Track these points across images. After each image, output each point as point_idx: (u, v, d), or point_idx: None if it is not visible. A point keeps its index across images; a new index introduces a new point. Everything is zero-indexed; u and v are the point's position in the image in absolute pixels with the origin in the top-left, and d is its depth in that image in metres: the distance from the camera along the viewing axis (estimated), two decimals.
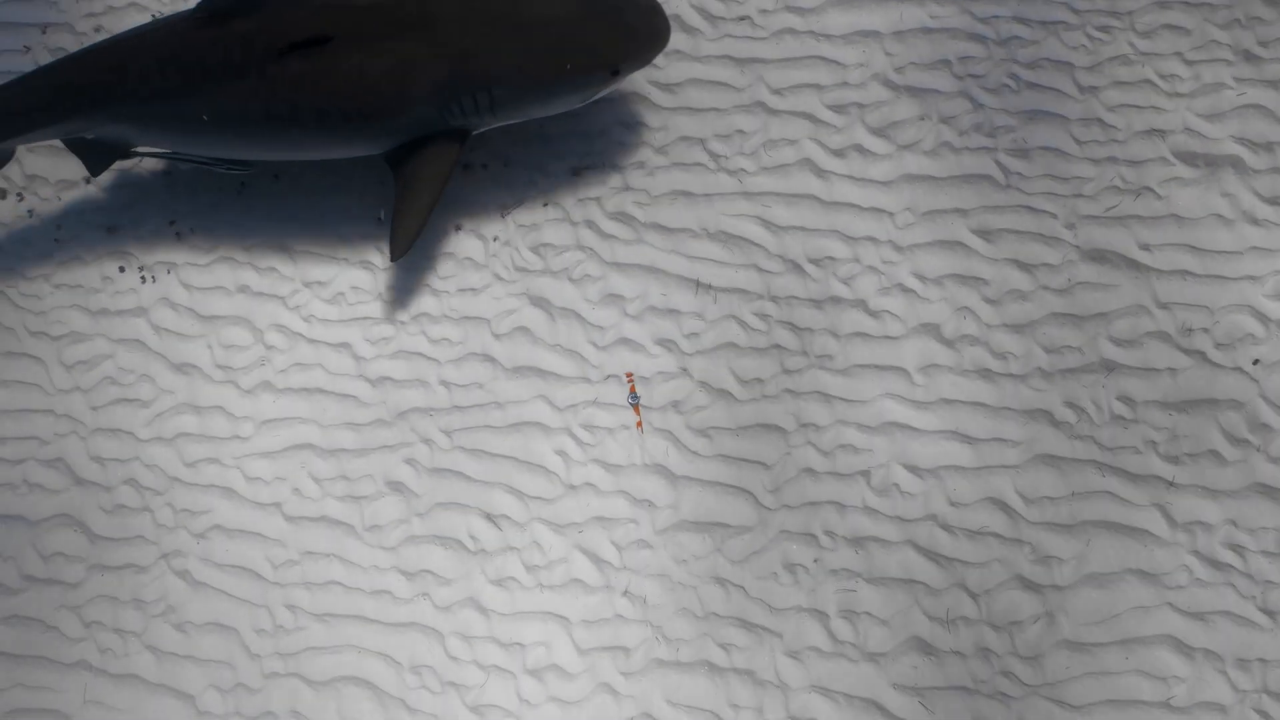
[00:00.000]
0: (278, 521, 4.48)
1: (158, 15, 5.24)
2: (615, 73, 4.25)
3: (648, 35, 4.24)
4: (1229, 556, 4.01)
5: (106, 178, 5.07)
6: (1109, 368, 4.23)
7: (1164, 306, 4.30)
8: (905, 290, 4.43)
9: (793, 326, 4.44)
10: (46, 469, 4.68)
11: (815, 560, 4.18)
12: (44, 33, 5.35)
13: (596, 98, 4.41)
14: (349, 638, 4.31)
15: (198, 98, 4.19)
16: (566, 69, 4.17)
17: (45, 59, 5.30)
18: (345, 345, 4.67)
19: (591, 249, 4.66)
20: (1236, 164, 4.41)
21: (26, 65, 5.30)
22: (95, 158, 4.55)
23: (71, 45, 5.30)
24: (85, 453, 4.68)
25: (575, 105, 4.42)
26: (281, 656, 4.31)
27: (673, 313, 4.53)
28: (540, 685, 4.16)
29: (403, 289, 4.71)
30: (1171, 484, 4.08)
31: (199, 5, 4.14)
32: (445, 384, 4.56)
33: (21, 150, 5.17)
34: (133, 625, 4.43)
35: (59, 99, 4.27)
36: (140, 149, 4.55)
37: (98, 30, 5.31)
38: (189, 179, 5.02)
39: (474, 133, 4.40)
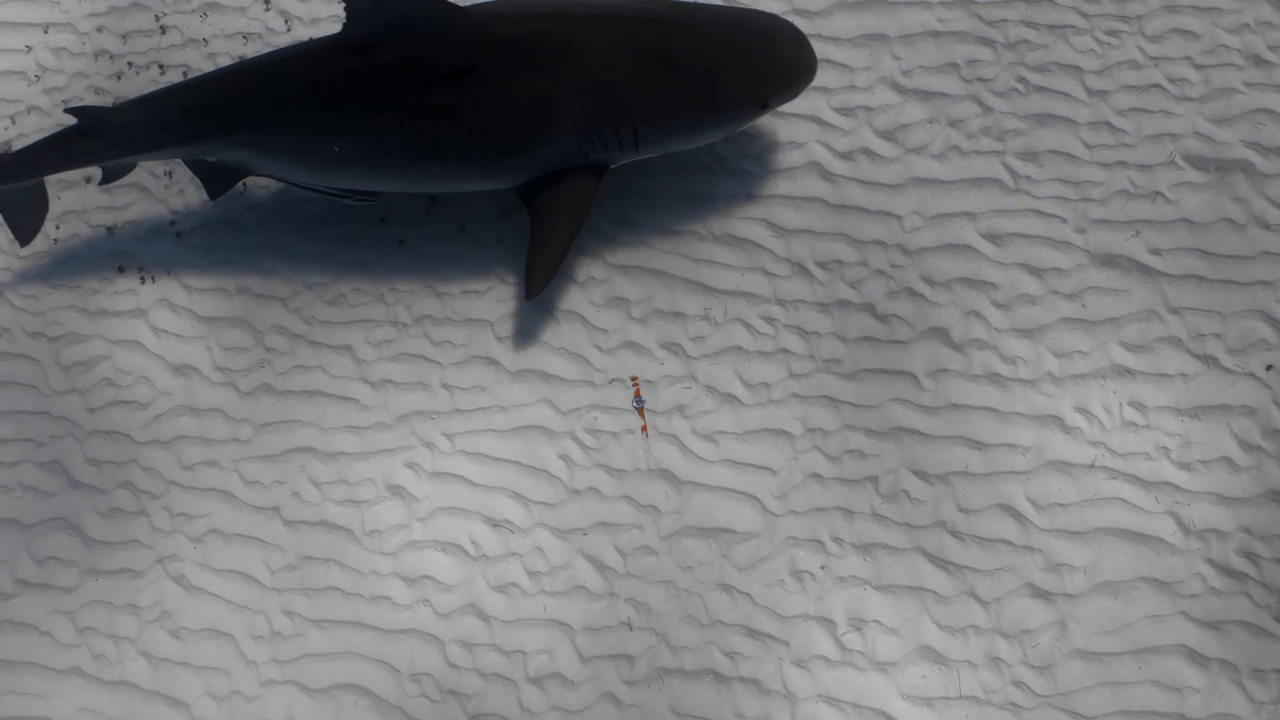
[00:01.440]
0: (276, 526, 4.42)
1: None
2: (764, 106, 4.12)
3: (796, 68, 4.10)
4: (1243, 565, 3.95)
5: None
6: (1119, 373, 4.19)
7: (1175, 311, 4.25)
8: (913, 294, 4.38)
9: (799, 330, 4.39)
10: (42, 471, 4.61)
11: (823, 567, 4.12)
12: (46, 32, 5.31)
13: (738, 130, 4.30)
14: (348, 644, 4.24)
15: (332, 129, 4.07)
16: (714, 104, 4.05)
17: (47, 59, 5.27)
18: (346, 348, 4.62)
19: (595, 252, 4.61)
20: (1247, 168, 4.37)
21: (29, 64, 5.26)
22: (216, 181, 4.42)
23: (73, 45, 5.27)
24: (81, 455, 4.61)
25: (718, 139, 4.30)
26: (279, 663, 4.24)
27: (678, 316, 4.47)
28: (542, 693, 4.08)
29: (405, 291, 4.66)
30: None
31: (340, 34, 4.01)
32: (447, 387, 4.51)
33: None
34: (127, 631, 4.36)
35: (186, 121, 4.17)
36: (263, 174, 4.43)
37: (100, 30, 5.28)
38: (189, 179, 4.97)
39: (611, 167, 4.25)
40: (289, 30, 5.15)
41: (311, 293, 4.72)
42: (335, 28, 5.12)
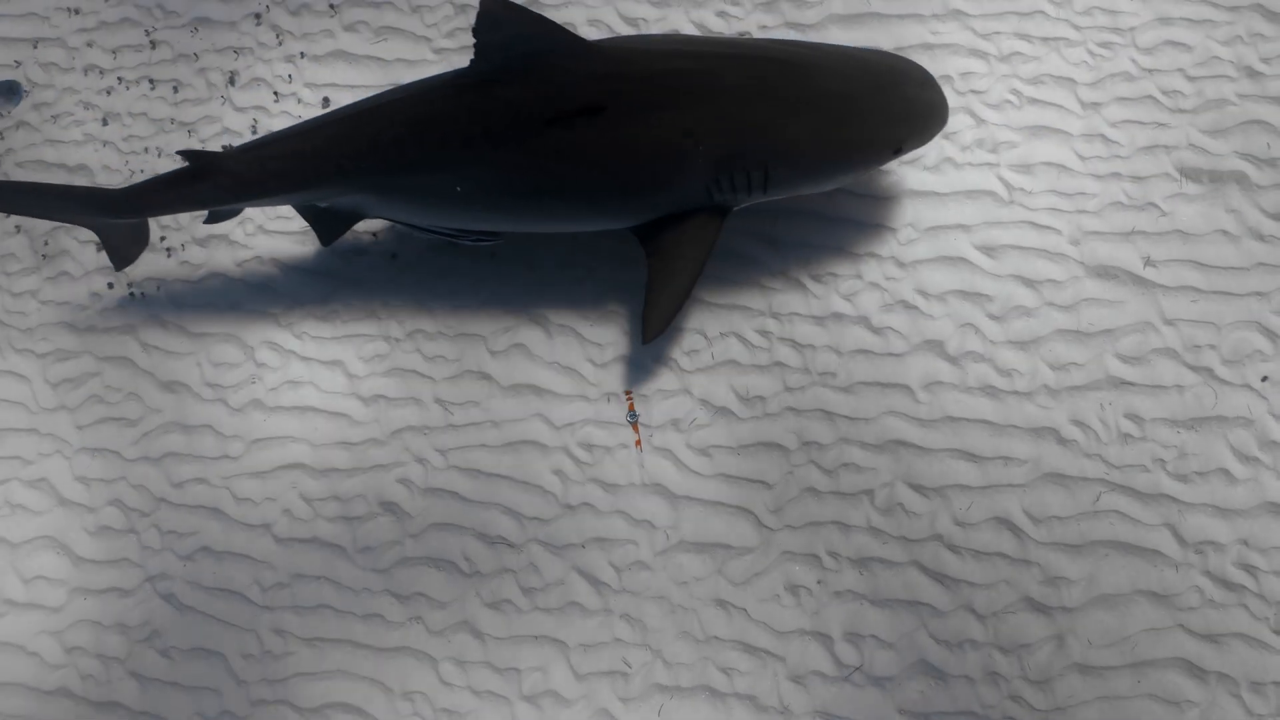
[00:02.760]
0: (267, 543, 4.38)
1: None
2: (898, 151, 4.03)
3: (930, 112, 4.02)
4: (1241, 577, 3.93)
5: None
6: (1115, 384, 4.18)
7: (1170, 323, 4.24)
8: (908, 306, 4.36)
9: (794, 343, 4.37)
10: (30, 489, 4.57)
11: (819, 582, 4.09)
12: (35, 48, 5.29)
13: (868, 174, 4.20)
14: (339, 663, 4.20)
15: (454, 169, 3.94)
16: (849, 148, 3.96)
17: (37, 74, 5.24)
18: (338, 363, 4.58)
19: (588, 266, 4.59)
20: (1241, 180, 4.37)
21: (17, 79, 5.24)
22: (327, 226, 4.30)
23: (63, 61, 5.25)
24: (70, 473, 4.57)
25: (848, 182, 4.21)
26: (269, 683, 4.20)
27: (672, 329, 4.45)
28: (537, 711, 4.04)
29: (398, 306, 4.63)
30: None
31: (466, 70, 3.88)
32: (440, 402, 4.48)
33: (9, 165, 5.10)
34: (116, 651, 4.31)
35: (301, 167, 4.04)
36: (376, 216, 4.30)
37: (90, 45, 5.25)
38: None
39: (734, 209, 4.12)
40: (280, 44, 5.13)
41: (303, 308, 4.69)
42: (327, 42, 5.11)
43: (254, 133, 5.00)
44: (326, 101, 5.00)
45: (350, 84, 5.02)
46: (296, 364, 4.61)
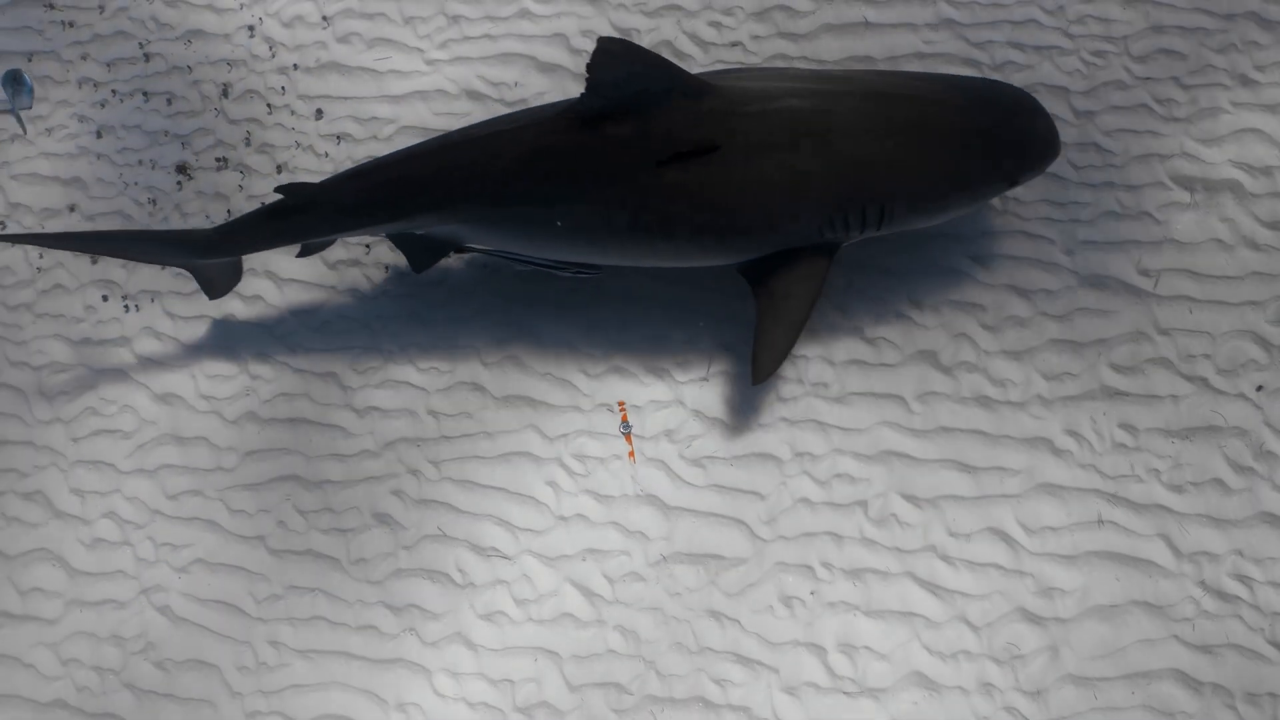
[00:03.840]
0: (261, 555, 4.38)
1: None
2: (1013, 184, 3.98)
3: (1043, 145, 3.95)
4: (1236, 587, 3.92)
5: (90, 206, 5.01)
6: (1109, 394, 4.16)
7: (1165, 333, 4.23)
8: (901, 317, 4.36)
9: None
10: (25, 502, 4.58)
11: (812, 593, 4.08)
12: (29, 60, 5.30)
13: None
14: (334, 675, 4.20)
15: (559, 204, 3.87)
16: (966, 182, 3.90)
17: (32, 86, 5.25)
18: (332, 375, 4.59)
19: (582, 277, 4.58)
20: (1235, 188, 4.36)
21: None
22: (421, 255, 4.24)
23: (57, 73, 5.26)
24: (65, 485, 4.58)
25: (960, 216, 4.19)
26: (264, 694, 4.20)
27: (663, 339, 4.45)
28: None
29: (391, 317, 4.63)
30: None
31: (575, 104, 3.82)
32: (433, 414, 4.48)
33: (4, 178, 5.12)
34: (111, 662, 4.32)
35: (401, 197, 3.98)
36: (474, 247, 4.24)
37: (84, 59, 5.26)
38: (173, 206, 4.95)
39: (843, 245, 4.04)
40: (273, 56, 5.14)
41: (296, 319, 4.70)
42: (320, 54, 5.11)
43: (248, 144, 5.00)
44: (320, 113, 5.01)
45: (343, 95, 5.03)
46: (290, 376, 4.61)
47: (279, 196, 4.25)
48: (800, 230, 3.86)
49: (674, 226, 3.84)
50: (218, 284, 4.50)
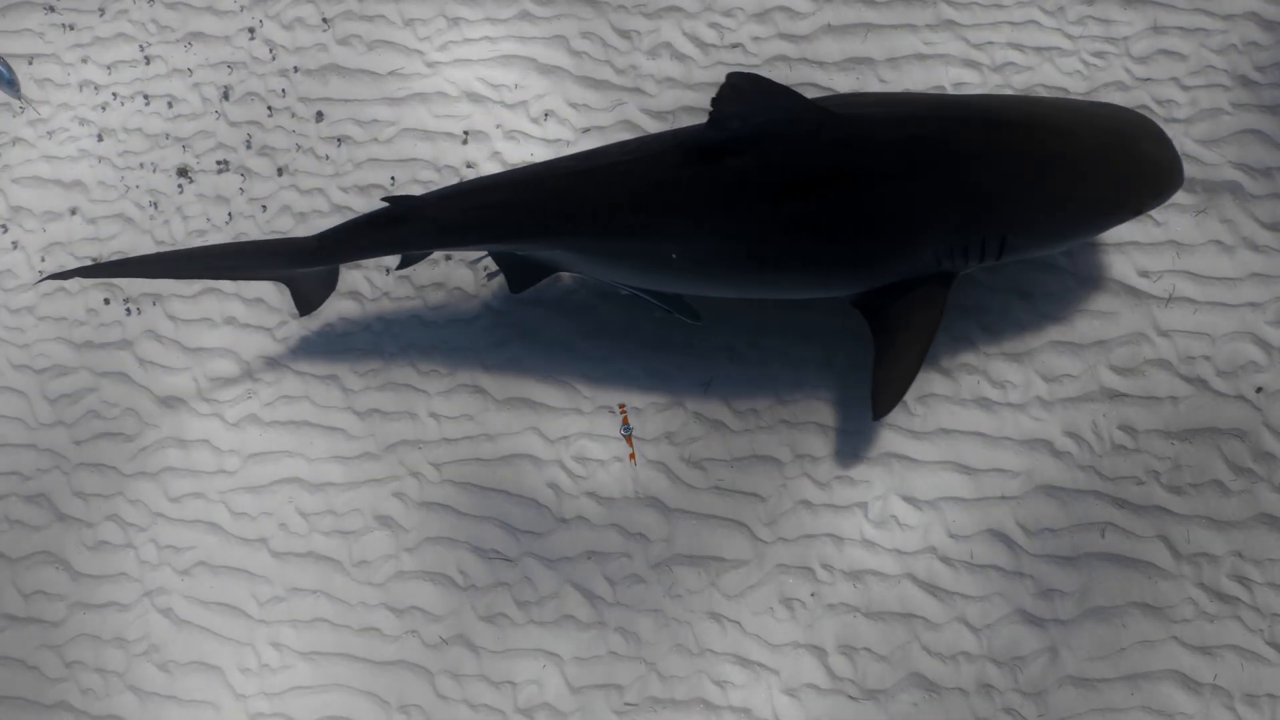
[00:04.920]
0: (264, 557, 4.40)
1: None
2: (1137, 213, 3.89)
3: (1167, 174, 3.85)
4: (1235, 589, 3.92)
5: (91, 209, 5.02)
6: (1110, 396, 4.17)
7: (1164, 334, 4.23)
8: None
9: (786, 357, 4.37)
10: (28, 505, 4.60)
11: (812, 594, 4.09)
12: (30, 64, 5.31)
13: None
14: (336, 676, 4.22)
15: (675, 237, 3.80)
16: (1089, 212, 3.82)
17: (32, 90, 5.26)
18: (333, 377, 4.60)
19: (582, 279, 4.59)
20: (1235, 190, 4.36)
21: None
22: (521, 276, 4.19)
23: (58, 77, 5.27)
24: (68, 488, 4.60)
25: (1080, 244, 4.13)
26: (267, 696, 4.22)
27: (665, 342, 4.46)
28: None
29: (392, 319, 4.64)
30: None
31: (696, 135, 3.78)
32: (434, 416, 4.49)
33: (5, 181, 5.13)
34: (115, 665, 4.34)
35: (507, 219, 3.94)
36: (576, 272, 4.18)
37: (84, 61, 5.27)
38: (174, 209, 4.96)
39: (959, 274, 3.94)
40: (274, 59, 5.14)
41: (297, 322, 4.71)
42: (320, 56, 5.11)
43: (248, 147, 5.01)
44: (320, 116, 5.01)
45: (344, 98, 5.03)
46: (292, 378, 4.63)
47: (384, 205, 4.20)
48: (918, 260, 3.79)
49: (791, 258, 3.77)
50: (312, 296, 4.43)
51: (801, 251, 3.77)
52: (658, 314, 4.33)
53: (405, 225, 4.02)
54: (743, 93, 3.60)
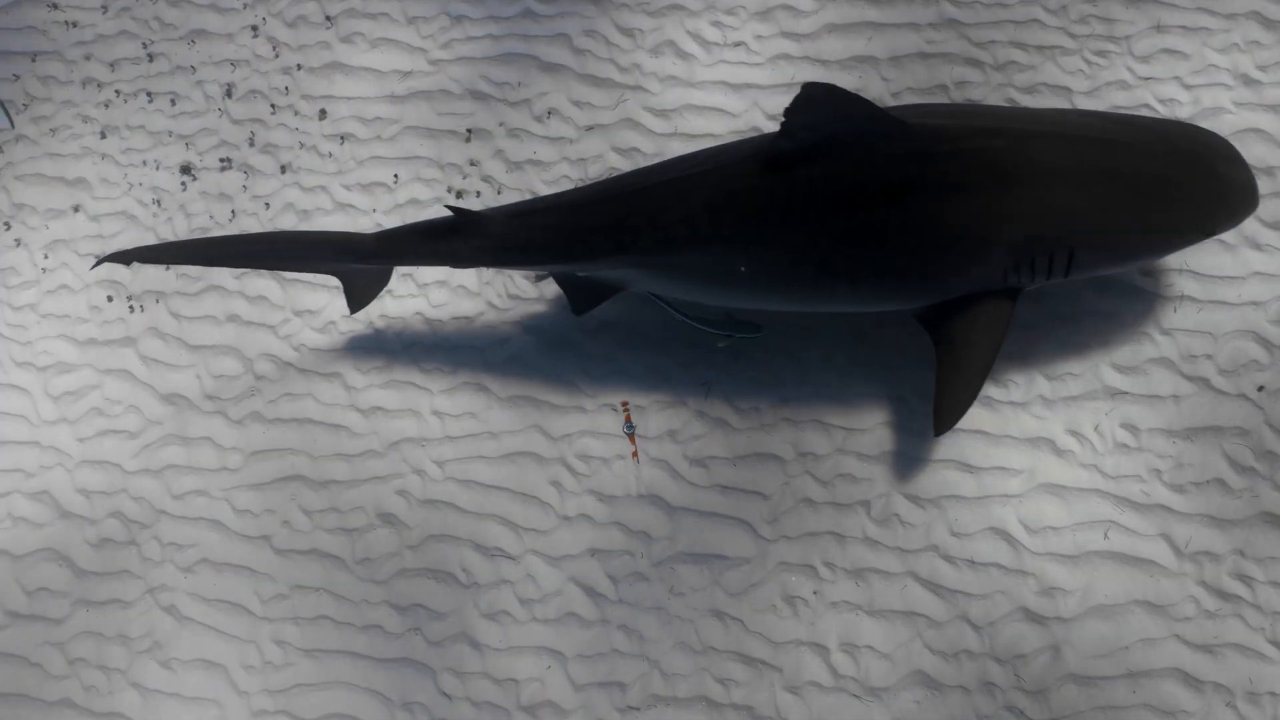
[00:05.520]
0: (267, 555, 4.40)
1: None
2: (1208, 235, 3.82)
3: (1243, 193, 3.79)
4: (1237, 587, 3.93)
5: (94, 206, 5.02)
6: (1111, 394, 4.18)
7: (1166, 333, 4.24)
8: (904, 319, 4.37)
9: (789, 354, 4.38)
10: (31, 502, 4.60)
11: (815, 592, 4.10)
12: (33, 61, 5.31)
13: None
14: (339, 674, 4.22)
15: (745, 249, 3.75)
16: (1160, 232, 3.75)
17: (35, 87, 5.26)
18: (336, 375, 4.61)
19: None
20: None
21: (15, 93, 5.26)
22: (585, 296, 4.13)
23: (61, 74, 5.27)
24: (71, 485, 4.60)
25: (1150, 264, 4.07)
26: (270, 694, 4.22)
27: (668, 341, 4.46)
28: None
29: (395, 317, 4.65)
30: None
31: (763, 149, 3.72)
32: (438, 414, 4.50)
33: (8, 178, 5.13)
34: (118, 662, 4.34)
35: (572, 237, 3.87)
36: (640, 290, 4.12)
37: (88, 59, 5.27)
38: (177, 206, 4.97)
39: (1025, 290, 3.90)
40: (277, 57, 5.15)
41: (300, 320, 4.71)
42: (324, 54, 5.12)
43: (251, 145, 5.02)
44: (323, 114, 5.02)
45: (347, 95, 5.04)
46: (295, 376, 4.63)
47: (448, 212, 4.14)
48: (985, 275, 3.74)
49: (860, 271, 3.73)
50: (363, 294, 4.34)
51: (870, 264, 3.71)
52: (721, 344, 4.30)
53: (464, 239, 3.95)
54: (817, 103, 3.52)
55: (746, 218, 3.71)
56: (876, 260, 3.70)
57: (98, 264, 3.97)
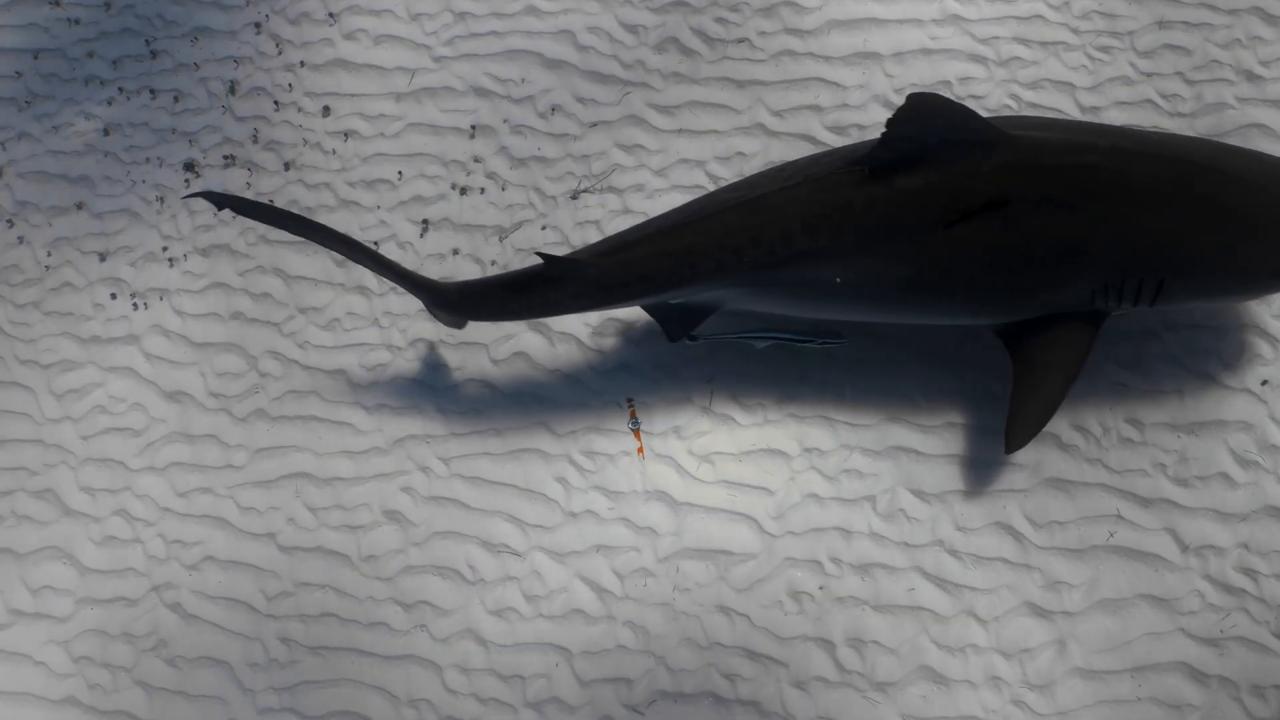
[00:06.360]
0: (272, 552, 4.40)
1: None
2: None
3: None
4: (1241, 580, 3.94)
5: (98, 204, 5.02)
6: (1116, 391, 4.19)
7: (1170, 328, 4.25)
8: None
9: (794, 351, 4.38)
10: (35, 500, 4.59)
11: (821, 588, 4.10)
12: (36, 58, 5.30)
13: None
14: (345, 671, 4.22)
15: (843, 261, 3.68)
16: (1260, 269, 3.65)
17: (38, 85, 5.25)
18: (340, 372, 4.60)
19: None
20: None
21: (18, 91, 5.25)
22: (681, 322, 4.03)
23: (64, 71, 5.26)
24: (75, 483, 4.59)
25: (1242, 302, 3.98)
26: (276, 691, 4.22)
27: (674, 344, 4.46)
28: (541, 718, 4.06)
29: (399, 314, 4.65)
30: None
31: (861, 160, 3.65)
32: (443, 411, 4.49)
33: (11, 176, 5.12)
34: (123, 660, 4.34)
35: (675, 265, 3.76)
36: (734, 309, 4.04)
37: (90, 56, 5.26)
38: (180, 205, 4.96)
39: (1110, 315, 3.84)
40: (280, 53, 5.14)
41: (305, 316, 4.71)
42: (327, 51, 5.11)
43: (255, 142, 5.01)
44: (327, 111, 5.01)
45: (350, 92, 5.04)
46: (299, 373, 4.63)
47: (538, 262, 3.98)
48: (1074, 295, 3.69)
49: (951, 283, 3.67)
50: (449, 323, 4.28)
51: (963, 277, 3.65)
52: (814, 348, 4.26)
53: (560, 287, 3.84)
54: (921, 113, 3.47)
55: (844, 230, 3.64)
56: (968, 274, 3.64)
57: (191, 195, 3.83)
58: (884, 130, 3.55)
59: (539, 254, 3.60)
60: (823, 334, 4.15)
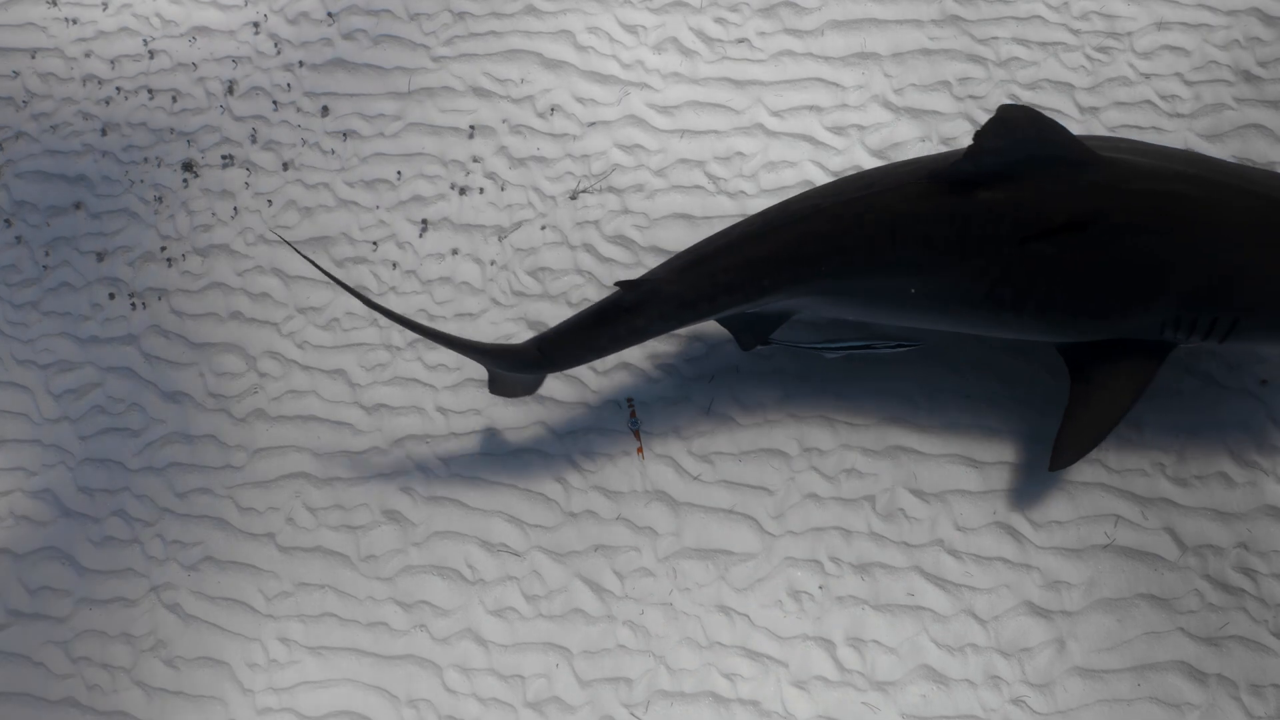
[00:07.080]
0: (271, 552, 4.40)
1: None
2: None
3: None
4: (1240, 580, 3.95)
5: (96, 204, 5.01)
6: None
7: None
8: None
9: (796, 351, 4.39)
10: (33, 500, 4.58)
11: (821, 587, 4.11)
12: (33, 58, 5.29)
13: None
14: (344, 671, 4.22)
15: (919, 271, 3.65)
16: None
17: (35, 84, 5.24)
18: (340, 372, 4.60)
19: (590, 273, 4.60)
20: None
21: (15, 90, 5.23)
22: (754, 331, 4.01)
23: (61, 71, 5.25)
24: (73, 484, 4.59)
25: None
26: (275, 691, 4.22)
27: (672, 336, 4.47)
28: (541, 718, 4.07)
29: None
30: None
31: (944, 171, 3.59)
32: (442, 410, 4.49)
33: (10, 176, 5.11)
34: (121, 660, 4.33)
35: (756, 276, 3.74)
36: (809, 316, 3.98)
37: (88, 55, 5.25)
38: (180, 204, 4.95)
39: (1178, 347, 3.80)
40: (279, 53, 5.13)
41: (304, 317, 4.71)
42: (326, 50, 5.11)
43: (253, 141, 5.00)
44: (326, 110, 5.01)
45: (349, 92, 5.03)
46: (298, 373, 4.62)
47: (614, 291, 3.91)
48: (1145, 323, 3.64)
49: (1026, 299, 3.63)
50: (513, 389, 4.20)
51: (1037, 293, 3.61)
52: (886, 353, 4.21)
53: (641, 312, 3.80)
54: (1011, 126, 3.41)
55: (922, 241, 3.62)
56: (1045, 292, 3.61)
57: (287, 243, 3.81)
58: (970, 142, 3.49)
59: (618, 283, 3.58)
60: (894, 339, 4.12)
